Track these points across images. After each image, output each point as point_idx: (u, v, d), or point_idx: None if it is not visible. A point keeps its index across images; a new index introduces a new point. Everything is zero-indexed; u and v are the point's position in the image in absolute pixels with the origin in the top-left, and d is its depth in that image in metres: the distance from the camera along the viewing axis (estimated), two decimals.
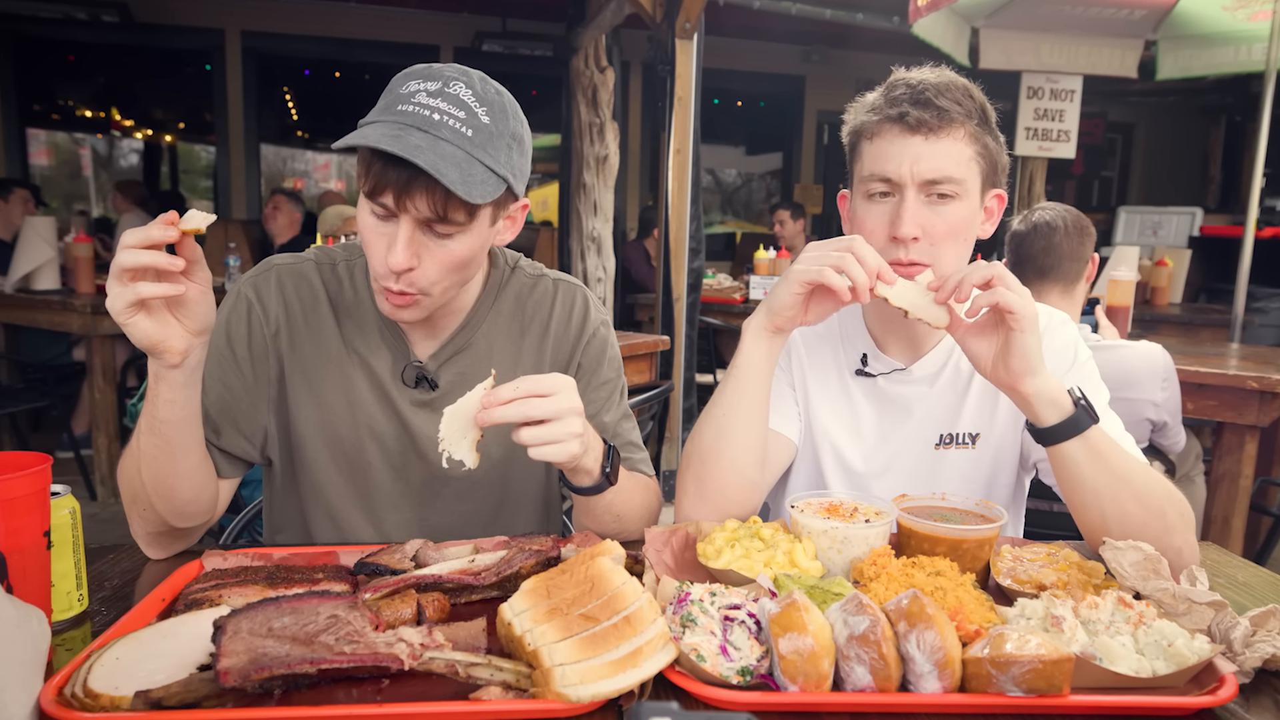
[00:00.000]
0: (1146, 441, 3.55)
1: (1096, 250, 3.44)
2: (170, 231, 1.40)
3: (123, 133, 12.15)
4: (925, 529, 1.59)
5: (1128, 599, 1.33)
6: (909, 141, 1.77)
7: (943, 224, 1.79)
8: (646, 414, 3.82)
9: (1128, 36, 7.88)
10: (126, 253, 1.39)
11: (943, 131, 1.77)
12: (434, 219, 1.61)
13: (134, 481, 1.66)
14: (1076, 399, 1.65)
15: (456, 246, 1.67)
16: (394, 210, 1.60)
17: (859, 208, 1.86)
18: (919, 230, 1.77)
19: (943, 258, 1.79)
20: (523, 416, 1.53)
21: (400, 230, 1.61)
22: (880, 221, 1.81)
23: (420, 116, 1.56)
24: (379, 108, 1.62)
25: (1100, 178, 15.04)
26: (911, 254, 1.78)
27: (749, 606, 1.29)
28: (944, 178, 1.77)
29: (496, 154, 1.63)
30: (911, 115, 1.76)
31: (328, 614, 1.23)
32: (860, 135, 1.86)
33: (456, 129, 1.57)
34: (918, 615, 1.18)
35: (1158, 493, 1.63)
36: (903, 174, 1.77)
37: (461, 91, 1.61)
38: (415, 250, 1.63)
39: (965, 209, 1.81)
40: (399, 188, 1.56)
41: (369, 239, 1.66)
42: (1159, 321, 7.19)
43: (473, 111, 1.60)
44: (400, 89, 1.62)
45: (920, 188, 1.78)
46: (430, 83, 1.61)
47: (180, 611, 1.37)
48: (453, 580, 1.46)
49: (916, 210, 1.77)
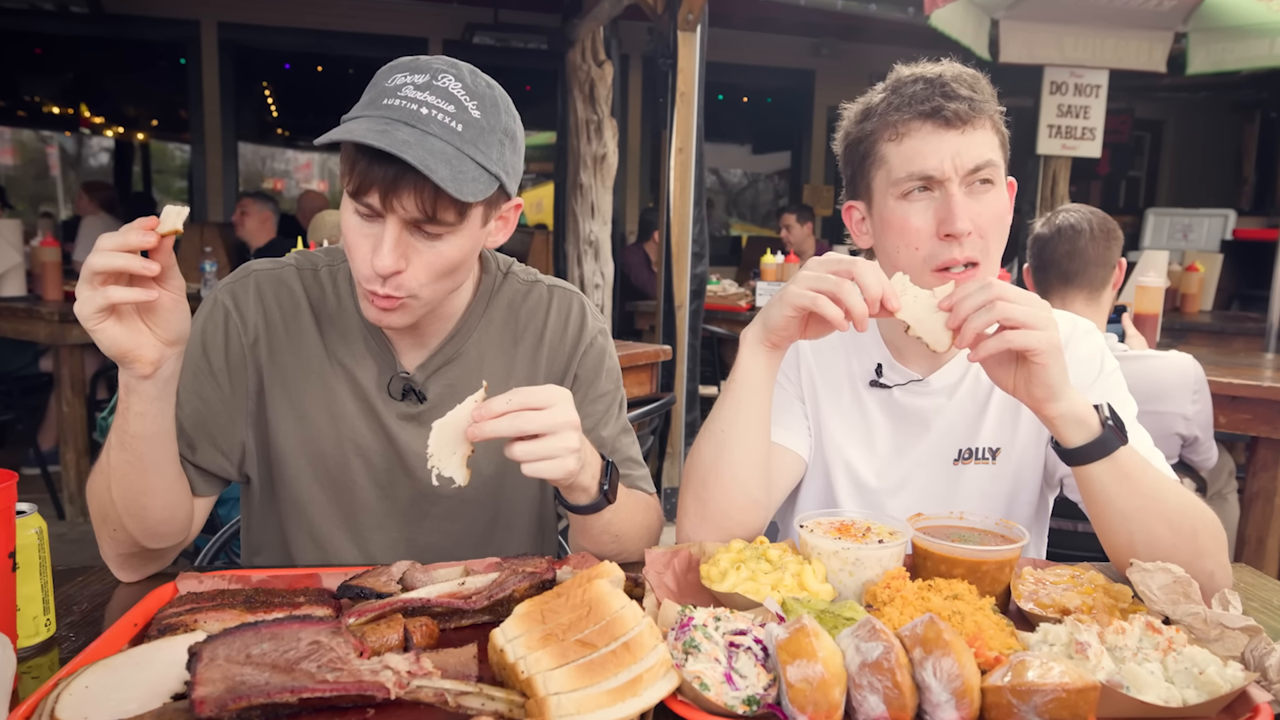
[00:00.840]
0: (1176, 457, 3.55)
1: (1123, 255, 3.44)
2: (148, 237, 1.41)
3: (92, 130, 12.19)
4: (942, 550, 1.59)
5: (1156, 624, 1.33)
6: (945, 136, 1.79)
7: (989, 213, 1.81)
8: (647, 428, 3.82)
9: (1156, 28, 7.89)
10: (100, 255, 1.39)
11: (975, 122, 1.80)
12: (422, 219, 1.61)
13: (104, 500, 1.66)
14: (1104, 418, 1.64)
15: (446, 248, 1.67)
16: (380, 210, 1.60)
17: (894, 210, 1.85)
18: (971, 224, 1.78)
19: (991, 252, 1.82)
20: (516, 430, 1.53)
21: (387, 231, 1.61)
22: (926, 220, 1.81)
23: (407, 111, 1.57)
24: (363, 102, 1.63)
25: (1127, 178, 15.08)
26: (967, 251, 1.79)
27: (755, 632, 1.29)
28: (985, 162, 1.80)
29: (488, 150, 1.63)
30: (948, 109, 1.78)
31: (309, 640, 1.23)
32: (877, 139, 1.86)
33: (446, 124, 1.58)
34: (934, 641, 1.18)
35: (1189, 513, 1.63)
36: (945, 169, 1.78)
37: (451, 84, 1.61)
38: (403, 252, 1.64)
39: (1003, 196, 1.85)
40: (385, 186, 1.57)
41: (353, 241, 1.67)
42: (1189, 330, 7.19)
43: (463, 105, 1.61)
44: (385, 82, 1.62)
45: (963, 180, 1.79)
46: (417, 75, 1.61)
47: (153, 637, 1.37)
48: (442, 604, 1.46)
49: (965, 204, 1.79)
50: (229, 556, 2.31)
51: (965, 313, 1.58)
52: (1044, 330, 1.57)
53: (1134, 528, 1.63)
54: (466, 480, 1.55)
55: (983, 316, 1.57)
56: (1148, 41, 8.02)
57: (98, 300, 1.41)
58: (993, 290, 1.57)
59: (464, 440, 1.53)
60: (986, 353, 1.58)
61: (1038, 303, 1.59)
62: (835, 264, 1.63)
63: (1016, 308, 1.56)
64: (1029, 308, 1.57)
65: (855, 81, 4.58)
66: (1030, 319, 1.56)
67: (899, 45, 5.73)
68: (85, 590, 1.66)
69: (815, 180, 13.27)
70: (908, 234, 1.83)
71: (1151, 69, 8.12)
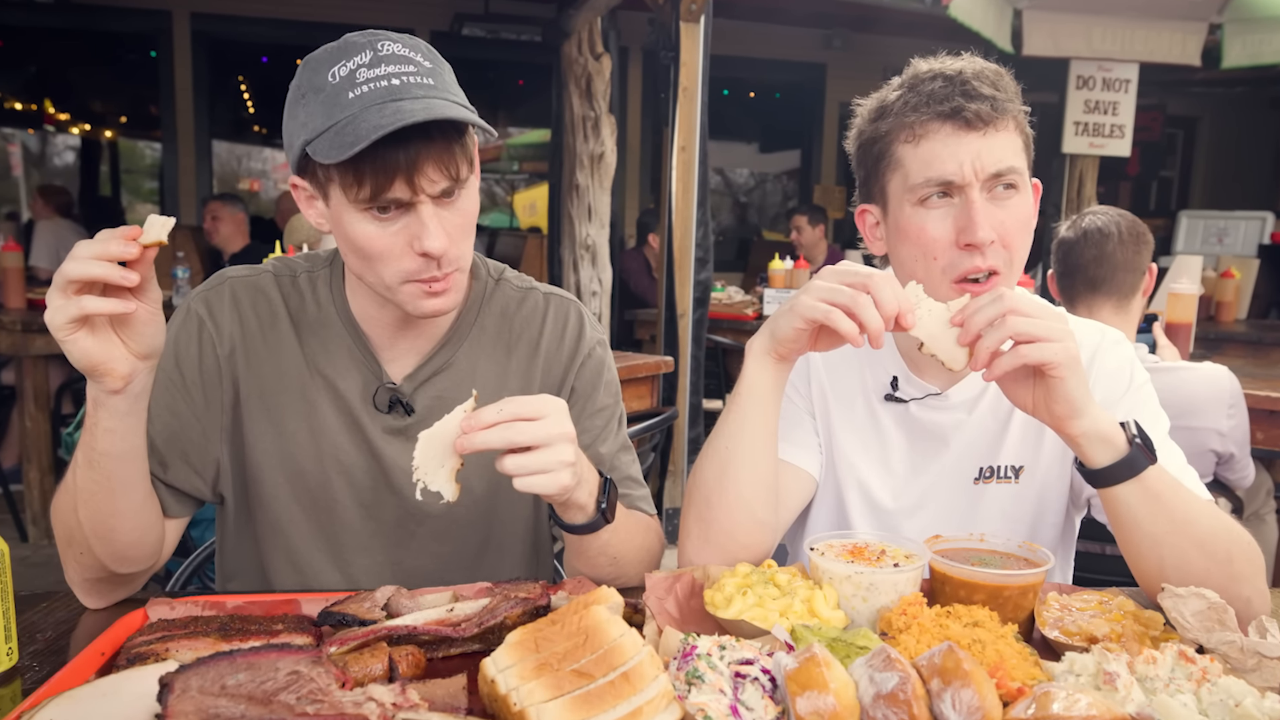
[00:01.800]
0: (1210, 475, 3.55)
1: (1154, 260, 3.45)
2: (130, 248, 1.42)
3: (57, 128, 12.21)
4: (962, 574, 1.60)
5: (1189, 653, 1.33)
6: (965, 139, 1.79)
7: (1013, 220, 1.81)
8: (647, 445, 3.82)
9: (1190, 19, 7.92)
10: (76, 263, 1.40)
11: (998, 123, 1.80)
12: (449, 185, 1.67)
13: (69, 521, 1.67)
14: (1132, 436, 1.64)
15: (465, 204, 1.74)
16: (408, 199, 1.65)
17: (910, 218, 1.85)
18: (994, 233, 1.78)
19: (1015, 261, 1.82)
20: (507, 442, 1.54)
21: (424, 214, 1.67)
22: (945, 229, 1.81)
23: (381, 90, 1.61)
24: (323, 110, 1.63)
25: (1159, 178, 15.09)
26: (990, 260, 1.79)
27: (763, 661, 1.30)
28: (1007, 168, 1.80)
29: (456, 91, 1.71)
30: (969, 110, 1.78)
31: (288, 670, 1.23)
32: (893, 140, 1.86)
33: (420, 82, 1.64)
34: (953, 671, 1.19)
35: (1223, 536, 1.63)
36: (965, 174, 1.78)
37: (393, 48, 1.67)
38: (445, 228, 1.69)
39: (1028, 201, 1.85)
40: (408, 169, 1.61)
41: (379, 249, 1.69)
42: (1224, 340, 7.19)
43: (417, 62, 1.67)
44: (328, 78, 1.64)
45: (984, 185, 1.79)
46: (358, 56, 1.65)
47: (122, 667, 1.37)
48: (429, 632, 1.46)
49: (987, 211, 1.79)
50: (203, 581, 2.32)
51: (976, 329, 1.59)
52: (1060, 342, 1.57)
53: (1165, 552, 1.63)
54: (455, 496, 1.55)
55: (995, 334, 1.58)
56: (1181, 33, 8.03)
57: (71, 310, 1.42)
58: (1004, 303, 1.58)
59: (452, 453, 1.54)
60: (1001, 370, 1.59)
61: (1052, 313, 1.60)
62: (850, 275, 1.63)
63: (1029, 321, 1.57)
64: (1043, 320, 1.57)
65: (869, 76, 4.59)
66: (1045, 332, 1.57)
67: (915, 37, 5.75)
68: (50, 617, 1.66)
69: (827, 180, 13.29)
70: (925, 243, 1.83)
71: (1185, 62, 8.14)
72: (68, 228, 8.89)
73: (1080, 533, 2.15)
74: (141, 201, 12.36)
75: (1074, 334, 1.60)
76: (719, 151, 12.84)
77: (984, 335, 1.58)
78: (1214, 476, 3.57)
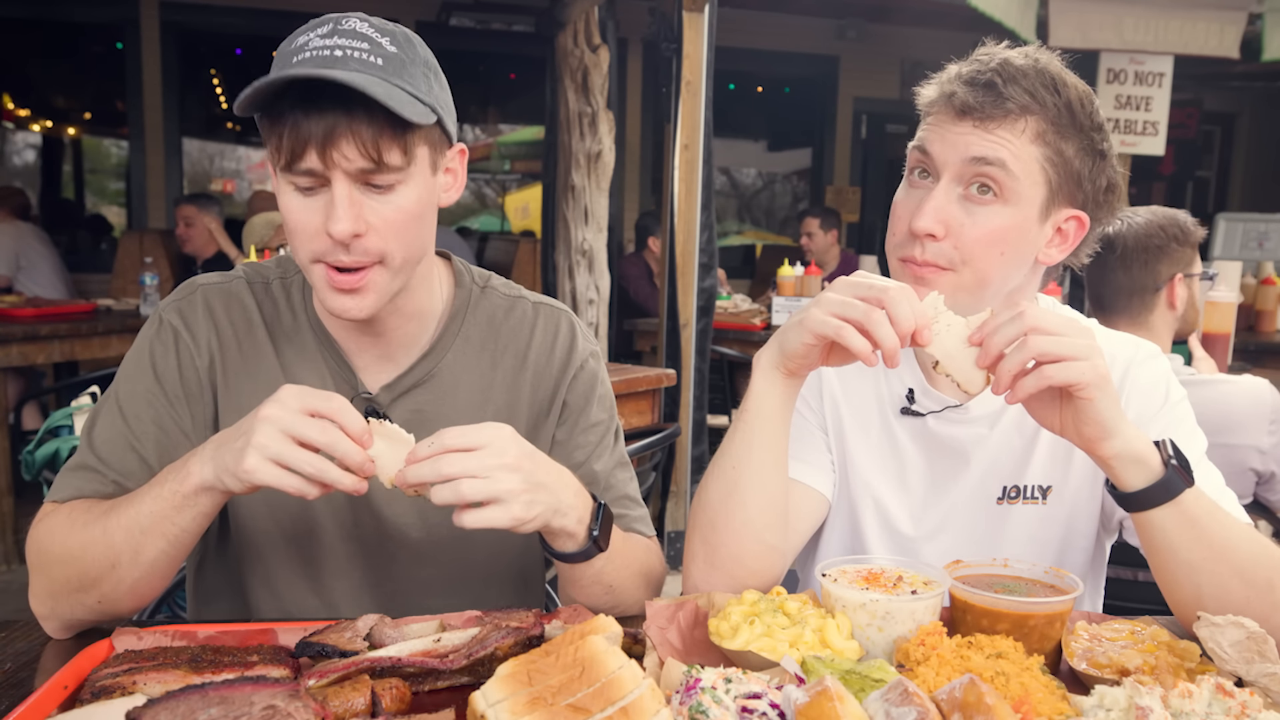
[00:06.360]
0: (1250, 496, 3.54)
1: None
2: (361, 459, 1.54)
3: (17, 124, 12.22)
4: (984, 602, 1.60)
5: (1228, 686, 1.34)
6: (955, 127, 1.80)
7: (975, 227, 1.79)
8: (648, 463, 3.83)
9: (1228, 9, 7.93)
10: (316, 425, 1.51)
11: (997, 123, 1.77)
12: (369, 167, 1.66)
13: (97, 573, 1.68)
14: (1168, 457, 1.65)
15: (401, 200, 1.72)
16: (321, 170, 1.65)
17: (899, 190, 1.90)
18: (940, 227, 1.78)
19: (976, 269, 1.81)
20: (438, 475, 1.56)
21: (335, 191, 1.67)
22: (908, 207, 1.85)
23: (320, 59, 1.64)
24: (272, 71, 1.67)
25: (1195, 179, 15.09)
26: (928, 253, 1.81)
27: (771, 695, 1.30)
28: (995, 159, 1.77)
29: (415, 81, 1.70)
30: (958, 97, 1.79)
31: (263, 704, 1.24)
32: (922, 117, 1.89)
33: (364, 59, 1.65)
34: (975, 706, 1.19)
35: (1264, 563, 1.64)
36: (945, 155, 1.80)
37: (358, 25, 1.69)
38: (358, 212, 1.69)
39: (1011, 216, 1.81)
40: (321, 139, 1.62)
41: (298, 222, 1.71)
42: (1265, 352, 7.19)
43: (376, 42, 1.68)
44: (288, 47, 1.69)
45: (959, 175, 1.80)
46: (320, 27, 1.70)
47: (86, 702, 1.37)
48: (414, 663, 1.46)
49: (943, 203, 1.79)
50: (172, 609, 2.32)
51: (996, 350, 1.59)
52: (1086, 360, 1.57)
53: (1202, 579, 1.63)
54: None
55: (1016, 356, 1.58)
56: (1218, 23, 8.04)
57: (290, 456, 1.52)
58: (1025, 321, 1.57)
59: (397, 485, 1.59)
60: (1025, 393, 1.60)
61: (1078, 329, 1.60)
62: (865, 289, 1.63)
63: (1053, 340, 1.56)
64: (1067, 338, 1.57)
65: (885, 69, 4.59)
66: (1070, 350, 1.56)
67: (935, 28, 5.77)
68: (8, 647, 1.67)
69: (840, 181, 13.25)
70: (894, 215, 1.89)
71: (1222, 54, 8.14)
72: (28, 231, 8.87)
73: (1111, 558, 2.15)
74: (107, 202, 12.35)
75: (1103, 350, 1.60)
76: (724, 150, 12.85)
77: (1005, 357, 1.58)
78: (1254, 497, 3.57)
